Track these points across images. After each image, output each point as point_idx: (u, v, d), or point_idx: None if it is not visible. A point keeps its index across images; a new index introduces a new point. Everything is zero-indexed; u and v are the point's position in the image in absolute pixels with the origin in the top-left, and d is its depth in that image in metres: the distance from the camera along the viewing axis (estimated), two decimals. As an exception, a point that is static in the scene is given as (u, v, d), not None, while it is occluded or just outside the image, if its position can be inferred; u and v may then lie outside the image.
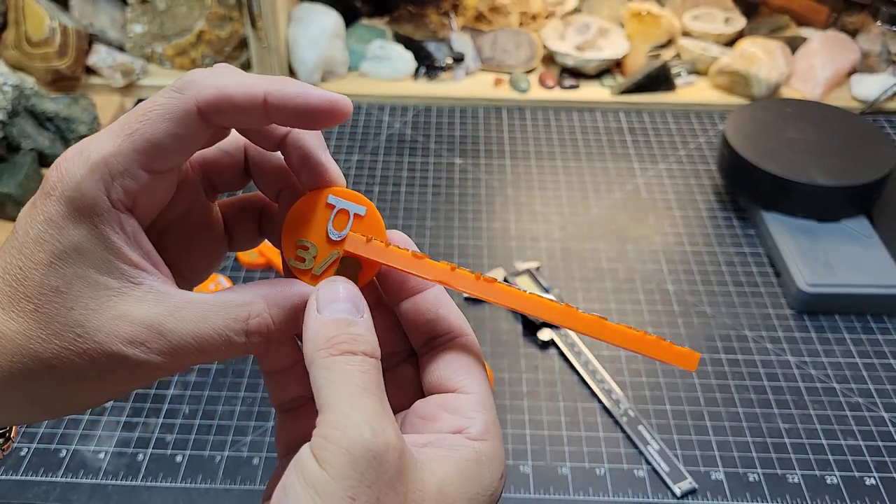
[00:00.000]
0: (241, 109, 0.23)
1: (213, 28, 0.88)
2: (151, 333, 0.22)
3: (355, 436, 0.20)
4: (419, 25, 0.94)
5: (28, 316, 0.22)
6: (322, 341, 0.23)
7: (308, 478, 0.20)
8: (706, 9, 0.97)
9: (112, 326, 0.22)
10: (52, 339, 0.22)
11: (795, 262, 0.63)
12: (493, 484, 0.23)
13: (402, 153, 0.80)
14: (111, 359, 0.22)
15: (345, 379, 0.22)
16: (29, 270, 0.22)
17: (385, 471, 0.20)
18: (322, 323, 0.23)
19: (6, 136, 0.71)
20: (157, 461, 0.51)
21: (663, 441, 0.52)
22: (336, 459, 0.20)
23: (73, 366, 0.22)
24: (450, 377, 0.25)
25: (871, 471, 0.51)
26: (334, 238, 0.26)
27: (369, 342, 0.23)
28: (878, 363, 0.59)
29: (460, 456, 0.23)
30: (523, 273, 0.64)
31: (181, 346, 0.23)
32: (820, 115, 0.74)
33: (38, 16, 0.83)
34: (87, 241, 0.22)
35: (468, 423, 0.24)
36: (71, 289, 0.22)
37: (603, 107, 0.88)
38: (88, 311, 0.22)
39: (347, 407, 0.21)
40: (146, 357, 0.22)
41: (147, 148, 0.23)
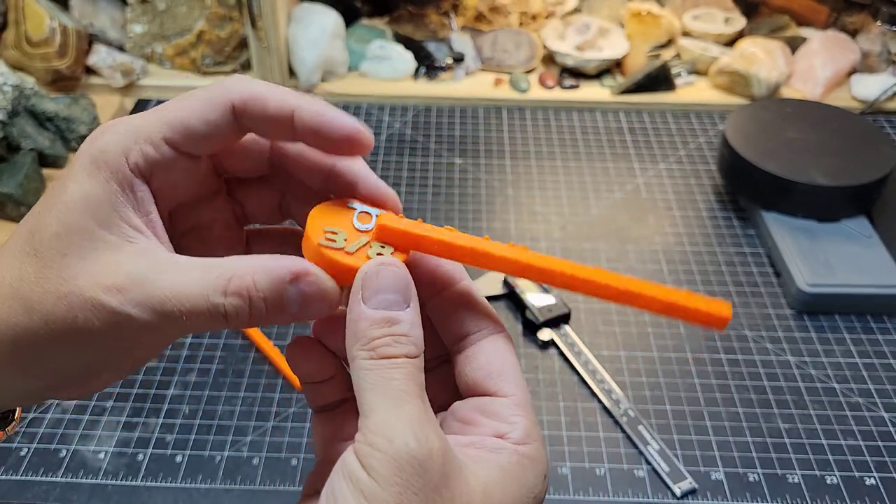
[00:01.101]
0: (271, 116, 0.24)
1: (213, 28, 0.88)
2: (131, 283, 0.22)
3: (400, 444, 0.20)
4: (419, 25, 0.94)
5: (27, 258, 0.23)
6: (364, 341, 0.23)
7: (356, 484, 0.20)
8: (706, 9, 0.97)
9: (95, 273, 0.22)
10: (39, 282, 0.22)
11: (795, 262, 0.63)
12: (538, 486, 0.24)
13: (402, 153, 0.80)
14: (89, 306, 0.22)
15: (387, 384, 0.22)
16: (39, 216, 0.23)
17: (431, 478, 0.20)
18: (366, 320, 0.23)
19: (6, 136, 0.71)
20: (157, 461, 0.51)
21: (663, 441, 0.52)
22: (382, 467, 0.20)
23: (53, 312, 0.22)
24: (486, 379, 0.25)
25: (871, 471, 0.51)
26: (362, 229, 0.26)
27: (412, 340, 0.23)
28: (878, 363, 0.59)
29: (503, 459, 0.23)
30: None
31: (158, 299, 0.22)
32: (820, 115, 0.74)
33: (38, 16, 0.83)
34: (96, 193, 0.23)
35: (509, 429, 0.24)
36: (69, 235, 0.22)
37: (603, 107, 0.88)
38: (79, 259, 0.22)
39: (391, 413, 0.21)
40: (121, 307, 0.22)
41: (175, 123, 0.24)
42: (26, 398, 0.25)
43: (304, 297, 0.23)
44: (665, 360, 0.58)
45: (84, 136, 0.76)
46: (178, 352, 0.58)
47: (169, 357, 0.58)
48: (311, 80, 0.87)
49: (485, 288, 0.63)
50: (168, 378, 0.56)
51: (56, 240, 0.22)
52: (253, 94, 0.24)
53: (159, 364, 0.57)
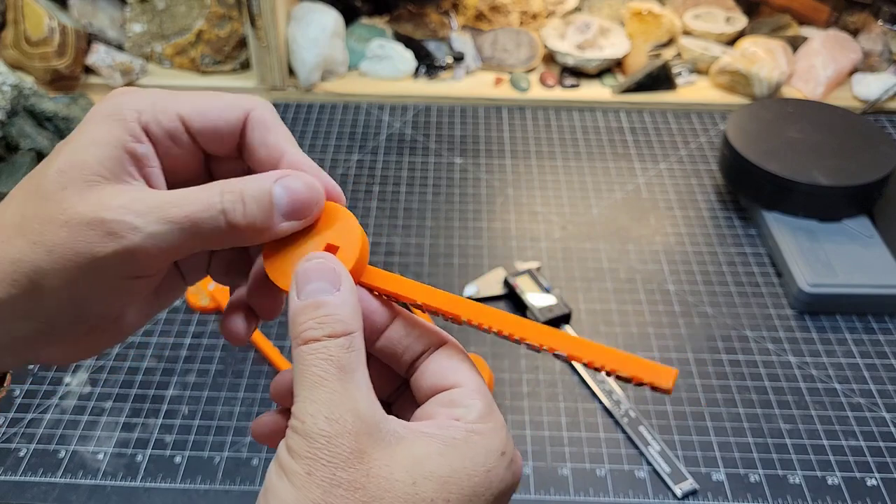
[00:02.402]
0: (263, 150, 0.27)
1: (213, 27, 0.88)
2: (132, 199, 0.23)
3: (310, 423, 0.22)
4: (419, 25, 0.94)
5: (30, 197, 0.24)
6: (293, 331, 0.24)
7: (279, 463, 0.23)
8: (707, 8, 0.97)
9: (97, 200, 0.23)
10: (39, 215, 0.23)
11: (796, 262, 0.63)
12: (490, 461, 0.24)
13: (402, 153, 0.80)
14: (91, 226, 0.23)
15: (306, 370, 0.23)
16: (47, 161, 0.24)
17: (340, 451, 0.22)
18: (295, 310, 0.24)
19: (5, 135, 0.71)
20: (156, 462, 0.51)
21: (664, 442, 0.52)
22: (297, 445, 0.22)
23: (54, 240, 0.23)
24: (442, 378, 0.26)
25: (873, 471, 0.51)
26: None
27: (337, 318, 0.24)
28: (879, 363, 0.58)
29: (449, 434, 0.24)
30: (524, 273, 0.63)
31: (161, 205, 0.23)
32: (821, 115, 0.74)
33: (37, 15, 0.83)
34: (104, 137, 0.24)
35: (464, 412, 0.25)
36: (71, 171, 0.24)
37: (603, 106, 0.88)
38: (78, 192, 0.23)
39: (306, 398, 0.23)
40: (124, 217, 0.23)
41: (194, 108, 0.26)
42: (16, 349, 0.25)
43: (291, 192, 0.25)
44: (666, 361, 0.58)
45: (83, 136, 0.76)
46: (177, 352, 0.58)
47: (168, 357, 0.58)
48: (311, 80, 0.87)
49: (485, 288, 0.63)
50: (167, 378, 0.56)
51: (57, 175, 0.24)
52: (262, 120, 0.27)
53: (158, 364, 0.57)
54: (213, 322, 0.60)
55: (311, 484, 0.21)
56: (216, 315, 0.61)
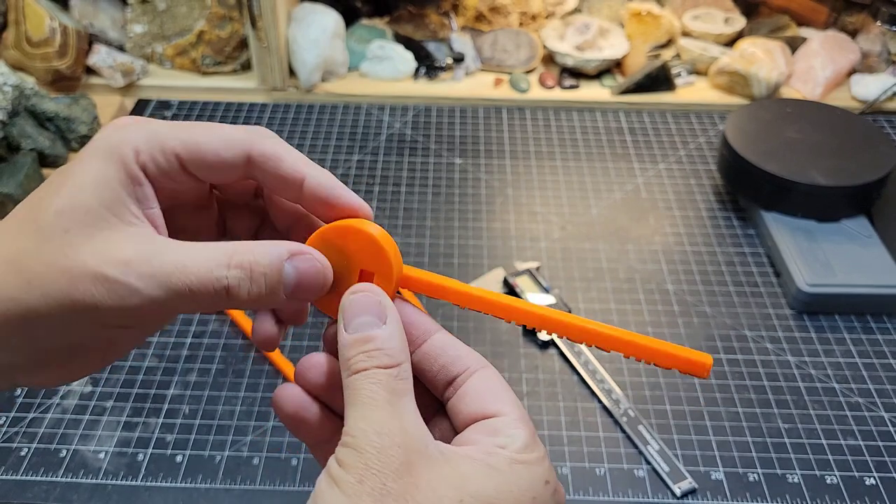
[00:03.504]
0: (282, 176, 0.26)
1: (214, 28, 0.88)
2: (136, 257, 0.23)
3: (360, 437, 0.23)
4: (419, 25, 0.94)
5: (29, 233, 0.23)
6: (344, 363, 0.25)
7: (329, 474, 0.23)
8: (706, 9, 0.97)
9: (99, 249, 0.23)
10: (40, 256, 0.23)
11: (795, 262, 0.63)
12: (535, 489, 0.24)
13: (402, 153, 0.80)
14: (92, 278, 0.22)
15: (356, 394, 0.24)
16: (45, 195, 0.24)
17: (390, 462, 0.22)
18: (345, 344, 0.25)
19: (6, 136, 0.71)
20: (157, 461, 0.51)
21: (663, 441, 0.52)
22: (348, 457, 0.23)
23: (54, 286, 0.22)
24: (484, 405, 0.26)
25: (871, 471, 0.51)
26: None
27: (385, 352, 0.25)
28: (877, 363, 0.59)
29: (494, 460, 0.24)
30: (523, 273, 0.64)
31: (165, 272, 0.23)
32: (820, 116, 0.74)
33: (38, 16, 0.83)
34: (104, 177, 0.24)
35: (508, 441, 0.25)
36: (73, 212, 0.23)
37: (603, 107, 0.88)
38: (82, 236, 0.23)
39: (358, 418, 0.24)
40: (126, 279, 0.22)
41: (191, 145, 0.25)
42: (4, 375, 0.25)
43: (300, 274, 0.25)
44: (665, 360, 0.58)
45: (84, 136, 0.76)
46: (178, 352, 0.58)
47: (169, 357, 0.58)
48: (311, 80, 0.87)
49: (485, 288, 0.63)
50: (168, 378, 0.56)
51: (58, 216, 0.23)
52: (272, 152, 0.26)
53: (159, 364, 0.57)
54: (214, 322, 0.61)
55: (362, 492, 0.22)
56: (216, 314, 0.61)
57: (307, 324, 0.60)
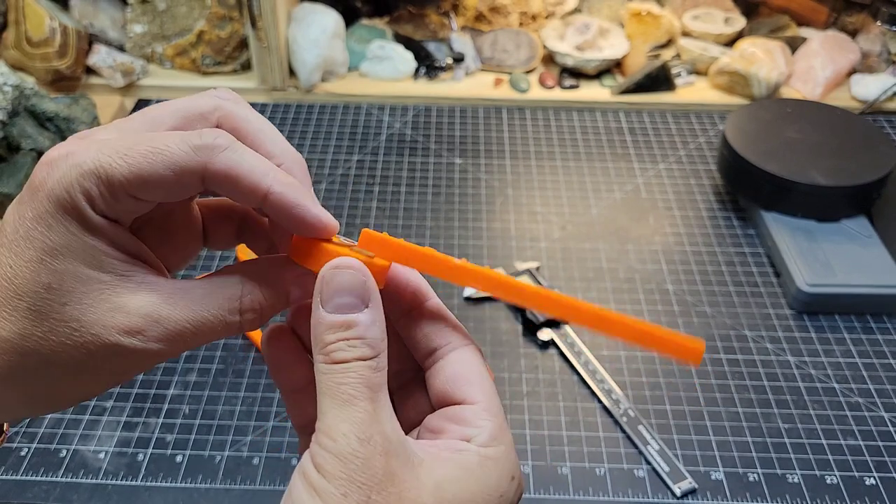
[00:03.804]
0: (240, 192, 0.24)
1: (214, 28, 0.88)
2: (148, 322, 0.23)
3: (343, 443, 0.22)
4: (419, 25, 0.94)
5: (22, 314, 0.22)
6: (321, 346, 0.24)
7: (308, 480, 0.22)
8: (706, 9, 0.97)
9: (108, 318, 0.23)
10: (48, 336, 0.22)
11: (795, 262, 0.63)
12: (502, 486, 0.24)
13: (402, 153, 0.80)
14: (109, 349, 0.23)
15: (336, 388, 0.23)
16: (19, 268, 0.22)
17: (374, 473, 0.22)
18: (323, 324, 0.24)
19: (6, 136, 0.71)
20: (157, 461, 0.51)
21: (663, 441, 0.52)
22: (329, 464, 0.22)
23: (71, 360, 0.23)
24: (454, 389, 0.26)
25: (871, 471, 0.51)
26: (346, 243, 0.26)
27: (367, 342, 0.24)
28: (877, 363, 0.59)
29: (464, 458, 0.24)
30: (523, 273, 0.64)
31: (178, 332, 0.24)
32: (820, 116, 0.74)
33: (38, 16, 0.83)
34: (75, 239, 0.22)
35: (475, 433, 0.25)
36: (63, 284, 0.22)
37: (603, 107, 0.88)
38: (83, 306, 0.22)
39: (338, 416, 0.23)
40: (144, 345, 0.23)
41: (138, 182, 0.23)
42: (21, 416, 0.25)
43: (306, 290, 0.26)
44: (665, 361, 0.58)
45: (84, 136, 0.76)
46: (178, 352, 0.58)
47: (169, 357, 0.58)
48: (311, 80, 0.87)
49: (485, 288, 0.63)
50: (168, 378, 0.56)
51: (49, 292, 0.22)
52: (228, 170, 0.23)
53: (159, 364, 0.57)
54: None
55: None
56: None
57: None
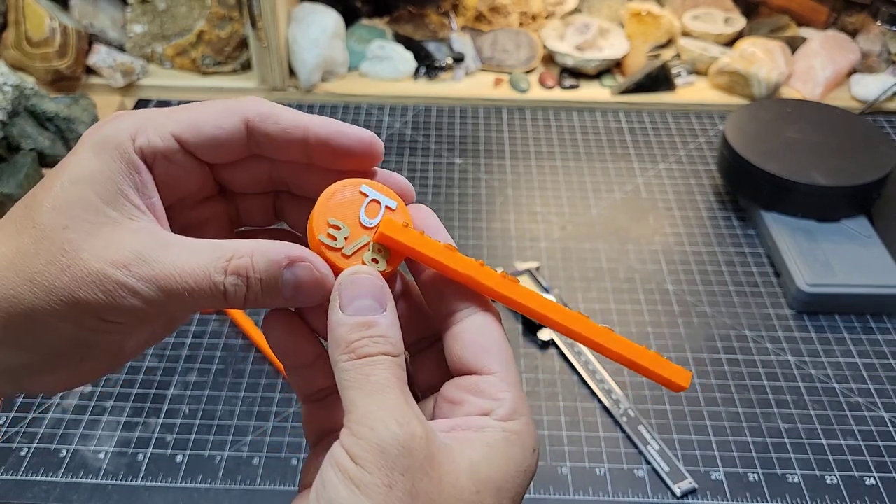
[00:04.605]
0: (284, 129, 0.26)
1: (214, 28, 0.88)
2: (136, 259, 0.23)
3: (382, 429, 0.21)
4: (419, 25, 0.94)
5: (25, 232, 0.23)
6: (344, 346, 0.23)
7: (345, 473, 0.21)
8: (706, 9, 0.97)
9: (99, 248, 0.22)
10: (39, 253, 0.22)
11: (795, 262, 0.63)
12: (527, 460, 0.24)
13: (402, 153, 0.80)
14: (93, 279, 0.22)
15: (366, 379, 0.23)
16: (41, 192, 0.23)
17: (416, 458, 0.21)
18: (344, 326, 0.24)
19: (6, 136, 0.71)
20: (157, 461, 0.51)
21: (663, 441, 0.52)
22: (367, 454, 0.21)
23: (55, 283, 0.22)
24: (473, 356, 0.25)
25: (871, 471, 0.51)
26: (366, 224, 0.26)
27: (390, 340, 0.24)
28: (877, 363, 0.59)
29: (489, 436, 0.23)
30: (523, 273, 0.64)
31: (164, 276, 0.23)
32: (820, 116, 0.74)
33: (38, 16, 0.83)
34: (100, 169, 0.23)
35: (495, 405, 0.24)
36: (70, 208, 0.23)
37: (603, 107, 0.88)
38: (80, 233, 0.23)
39: (372, 404, 0.22)
40: (126, 281, 0.22)
41: (186, 121, 0.25)
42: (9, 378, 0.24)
43: (298, 282, 0.24)
44: (665, 360, 0.58)
45: (84, 136, 0.76)
46: (178, 352, 0.58)
47: (169, 357, 0.58)
48: (311, 80, 0.87)
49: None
50: (168, 378, 0.56)
51: (56, 212, 0.23)
52: (268, 110, 0.26)
53: (159, 364, 0.57)
54: (214, 322, 0.61)
55: (393, 497, 0.21)
56: (217, 314, 0.61)
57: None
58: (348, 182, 0.26)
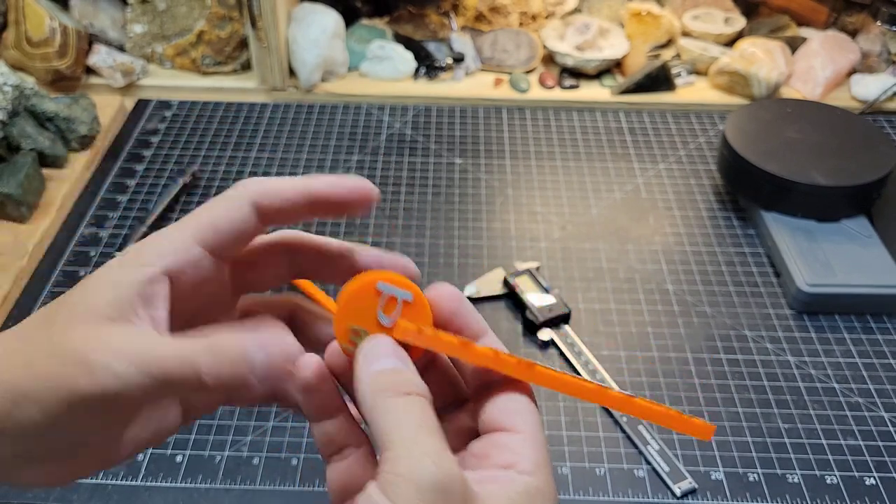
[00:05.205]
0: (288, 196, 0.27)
1: (214, 28, 0.88)
2: (124, 345, 0.24)
3: (420, 470, 0.21)
4: (419, 25, 0.94)
5: (40, 326, 0.24)
6: (377, 387, 0.24)
7: None
8: (706, 9, 0.97)
9: (93, 338, 0.23)
10: (42, 343, 0.23)
11: (795, 262, 0.63)
12: None
13: (402, 153, 0.80)
14: (79, 362, 0.23)
15: (406, 417, 0.23)
16: (70, 293, 0.25)
17: (452, 499, 0.21)
18: (375, 371, 0.25)
19: (6, 136, 0.71)
20: (157, 461, 0.51)
21: (663, 441, 0.53)
22: (406, 493, 0.21)
23: (50, 370, 0.23)
24: (502, 417, 0.26)
25: (871, 471, 0.51)
26: (385, 324, 0.27)
27: (420, 386, 0.25)
28: (877, 363, 0.59)
29: (511, 488, 0.24)
30: (523, 273, 0.64)
31: (145, 358, 0.23)
32: (820, 116, 0.74)
33: (38, 16, 0.83)
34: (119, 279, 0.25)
35: (518, 459, 0.25)
36: (79, 306, 0.24)
37: (603, 107, 0.88)
38: (83, 328, 0.24)
39: (411, 444, 0.22)
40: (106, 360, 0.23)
41: (205, 224, 0.26)
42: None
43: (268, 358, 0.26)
44: (665, 360, 0.58)
45: (84, 136, 0.76)
46: (178, 352, 0.58)
47: (169, 357, 0.58)
48: (311, 80, 0.87)
49: (485, 288, 0.63)
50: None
51: (66, 309, 0.24)
52: (270, 187, 0.27)
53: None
54: (214, 322, 0.61)
55: None
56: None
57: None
58: (364, 281, 0.28)
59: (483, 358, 0.27)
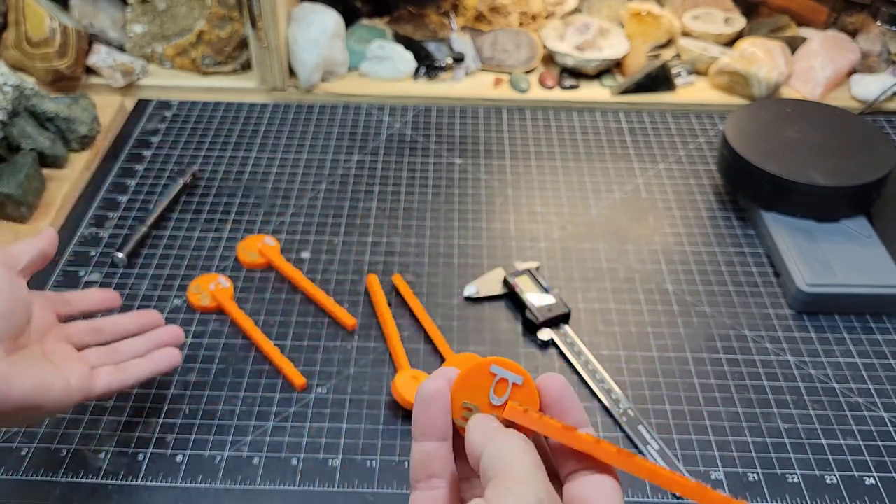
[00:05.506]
0: None
1: (214, 28, 0.88)
2: None
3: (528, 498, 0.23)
4: (419, 25, 0.94)
5: None
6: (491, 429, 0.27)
7: None
8: (706, 9, 0.97)
9: None
10: None
11: (795, 262, 0.63)
12: None
13: (402, 153, 0.80)
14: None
15: (522, 455, 0.25)
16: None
17: None
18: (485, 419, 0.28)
19: (6, 136, 0.71)
20: (157, 461, 0.51)
21: (663, 441, 0.53)
22: None
23: None
24: (588, 496, 0.27)
25: (871, 471, 0.51)
26: (495, 403, 0.29)
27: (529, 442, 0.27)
28: (877, 363, 0.59)
29: None
30: (523, 273, 0.64)
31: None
32: (820, 116, 0.74)
33: (38, 16, 0.83)
34: None
35: None
36: None
37: (603, 107, 0.88)
38: None
39: (522, 478, 0.24)
40: None
41: None
42: None
43: None
44: (664, 360, 0.58)
45: (84, 136, 0.76)
46: (178, 352, 0.58)
47: (169, 357, 0.58)
48: (311, 80, 0.87)
49: (485, 288, 0.63)
50: (168, 378, 0.56)
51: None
52: None
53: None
54: (214, 321, 0.61)
55: None
56: (217, 314, 0.61)
57: (307, 323, 0.61)
58: (482, 363, 0.30)
59: (584, 444, 0.28)
